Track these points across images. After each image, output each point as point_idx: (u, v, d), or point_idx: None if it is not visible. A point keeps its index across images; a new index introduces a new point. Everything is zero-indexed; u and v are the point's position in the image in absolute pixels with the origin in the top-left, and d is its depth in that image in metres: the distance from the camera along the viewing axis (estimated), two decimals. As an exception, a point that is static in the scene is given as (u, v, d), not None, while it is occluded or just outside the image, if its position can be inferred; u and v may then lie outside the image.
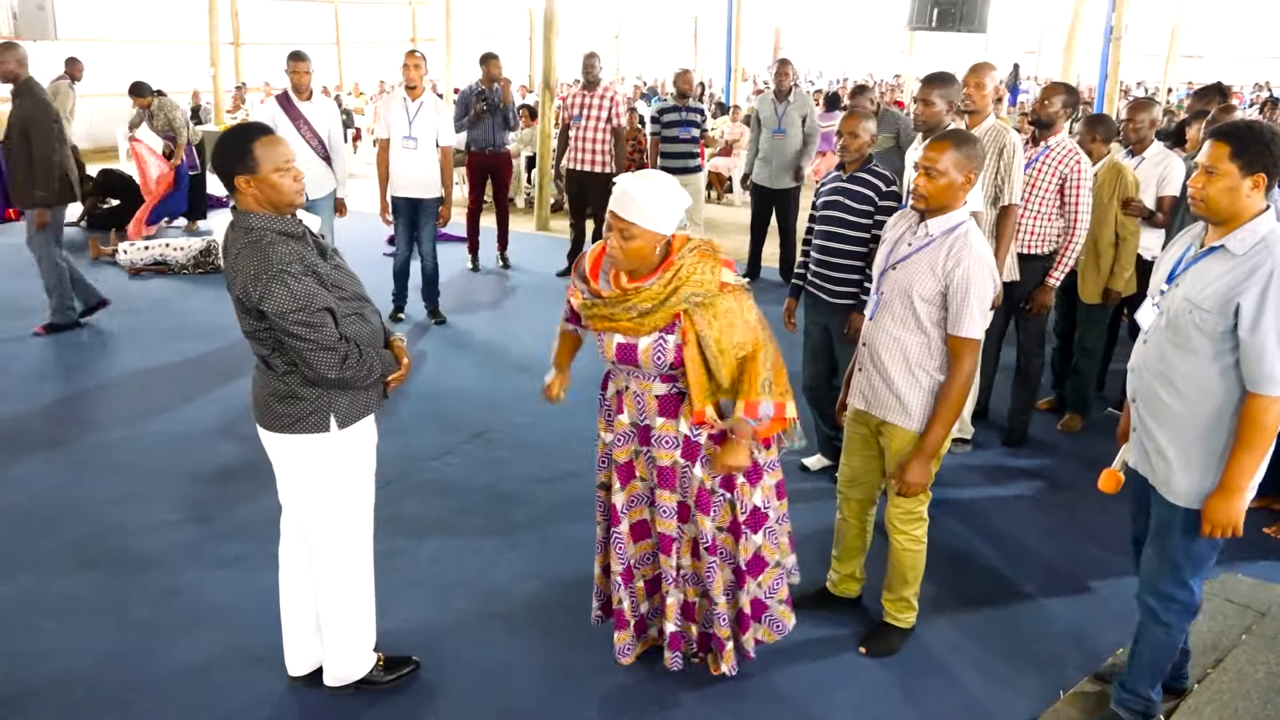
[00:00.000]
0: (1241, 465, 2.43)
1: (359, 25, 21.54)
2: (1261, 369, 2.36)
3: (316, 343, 2.52)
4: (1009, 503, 4.34)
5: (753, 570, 2.87)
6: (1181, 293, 2.51)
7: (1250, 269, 2.38)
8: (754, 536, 2.85)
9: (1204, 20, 25.48)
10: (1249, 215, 2.43)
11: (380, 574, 3.03)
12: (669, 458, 2.74)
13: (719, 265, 2.62)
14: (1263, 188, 2.41)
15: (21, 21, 14.27)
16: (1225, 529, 2.48)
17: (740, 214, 10.45)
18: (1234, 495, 2.46)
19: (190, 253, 8.10)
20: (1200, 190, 2.46)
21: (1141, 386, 2.64)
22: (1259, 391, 2.38)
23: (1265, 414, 2.38)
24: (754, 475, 2.81)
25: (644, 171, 2.59)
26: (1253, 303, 2.35)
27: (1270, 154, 2.38)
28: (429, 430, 4.96)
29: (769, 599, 2.96)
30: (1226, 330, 2.40)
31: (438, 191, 6.62)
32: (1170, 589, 2.65)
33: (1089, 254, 4.78)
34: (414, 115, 6.49)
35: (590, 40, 17.23)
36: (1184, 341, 2.48)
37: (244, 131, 2.58)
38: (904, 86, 21.35)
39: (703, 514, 2.75)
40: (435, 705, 2.95)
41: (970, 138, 2.85)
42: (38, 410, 5.15)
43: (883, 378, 2.97)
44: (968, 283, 2.76)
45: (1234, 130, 2.44)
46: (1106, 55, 11.10)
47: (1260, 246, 2.39)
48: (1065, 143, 4.53)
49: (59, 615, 3.34)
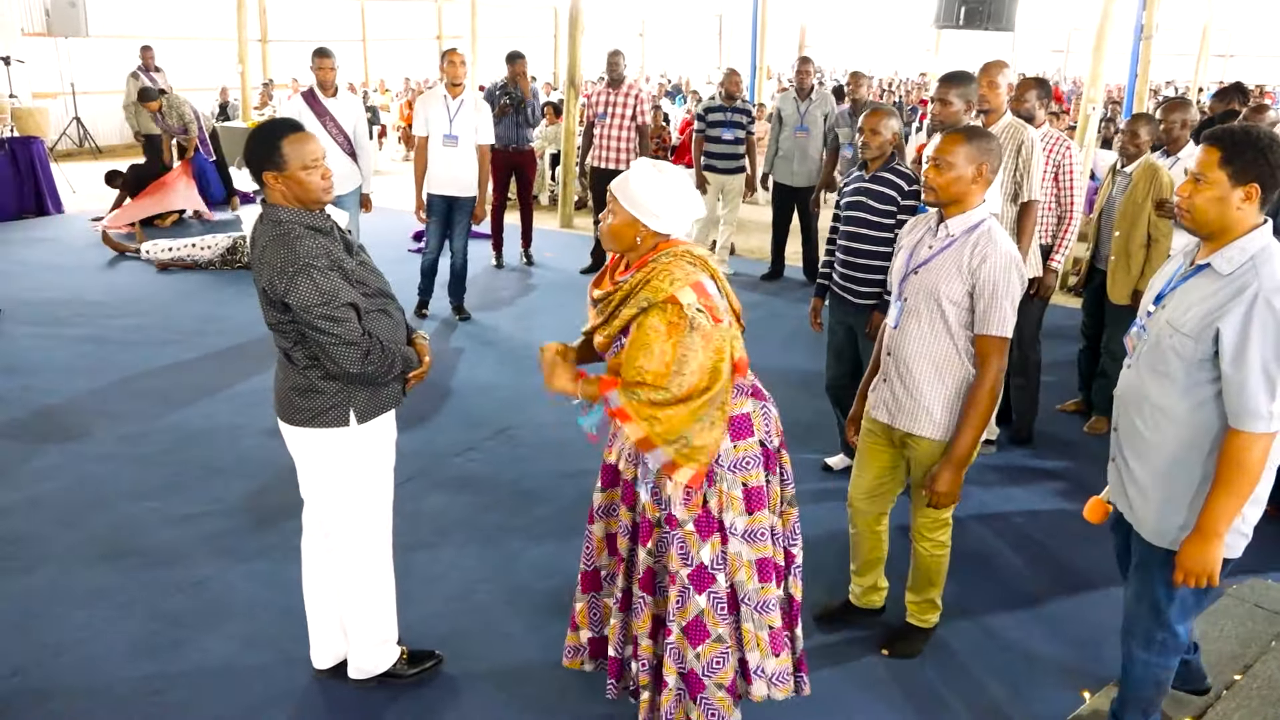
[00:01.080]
0: (1219, 508, 2.21)
1: (385, 22, 21.64)
2: (1244, 403, 2.15)
3: (339, 337, 2.53)
4: (1033, 504, 4.30)
5: (691, 636, 2.48)
6: (1165, 315, 2.31)
7: (1234, 291, 2.16)
8: (696, 597, 2.45)
9: (1236, 19, 25.14)
10: (1240, 230, 2.21)
11: (404, 569, 3.05)
12: (630, 472, 2.58)
13: (685, 282, 2.33)
14: (1256, 200, 2.19)
15: (54, 19, 14.50)
16: (1199, 577, 2.27)
17: (763, 212, 10.41)
18: (1210, 540, 2.24)
19: (217, 250, 8.17)
20: (1186, 199, 2.25)
21: (1121, 415, 2.46)
22: (1241, 428, 2.17)
23: (1246, 452, 2.17)
24: (706, 529, 2.44)
25: (659, 163, 2.46)
26: (1235, 330, 2.13)
27: (1266, 162, 2.16)
28: (452, 426, 4.98)
29: (707, 678, 2.49)
30: (1206, 358, 2.20)
31: (474, 190, 6.62)
32: (1152, 631, 2.46)
33: (1120, 254, 4.74)
34: (455, 113, 6.48)
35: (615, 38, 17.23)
36: (1163, 368, 2.29)
37: (274, 128, 2.59)
38: (929, 85, 21.22)
39: (640, 541, 2.53)
40: (458, 699, 2.96)
41: (986, 134, 2.79)
42: (65, 403, 5.21)
43: (910, 387, 2.87)
44: (995, 279, 2.69)
45: (1226, 135, 2.21)
46: (1137, 54, 10.97)
47: (1248, 266, 2.17)
48: (1052, 133, 4.60)
49: (87, 606, 3.39)
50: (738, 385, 2.49)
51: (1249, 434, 2.16)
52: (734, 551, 2.49)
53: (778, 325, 6.83)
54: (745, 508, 2.49)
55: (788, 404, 2.73)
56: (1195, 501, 2.29)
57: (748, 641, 2.53)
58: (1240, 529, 2.31)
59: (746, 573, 2.51)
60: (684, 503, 2.44)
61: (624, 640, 2.65)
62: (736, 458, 2.49)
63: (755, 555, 2.51)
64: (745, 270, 8.24)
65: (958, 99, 4.03)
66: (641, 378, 2.34)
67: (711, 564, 2.46)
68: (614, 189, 2.43)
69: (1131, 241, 4.70)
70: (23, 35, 14.69)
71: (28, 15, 14.95)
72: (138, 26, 16.33)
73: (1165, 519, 2.35)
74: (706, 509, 2.45)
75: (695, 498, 2.45)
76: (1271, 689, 2.97)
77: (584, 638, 2.78)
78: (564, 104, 10.23)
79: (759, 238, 9.49)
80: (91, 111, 15.66)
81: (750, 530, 2.50)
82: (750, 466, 2.50)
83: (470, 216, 6.68)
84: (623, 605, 2.62)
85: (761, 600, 2.53)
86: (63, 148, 14.72)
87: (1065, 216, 4.62)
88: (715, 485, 2.46)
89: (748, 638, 2.53)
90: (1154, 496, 2.37)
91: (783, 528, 2.62)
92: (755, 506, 2.50)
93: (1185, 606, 2.42)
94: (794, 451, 4.53)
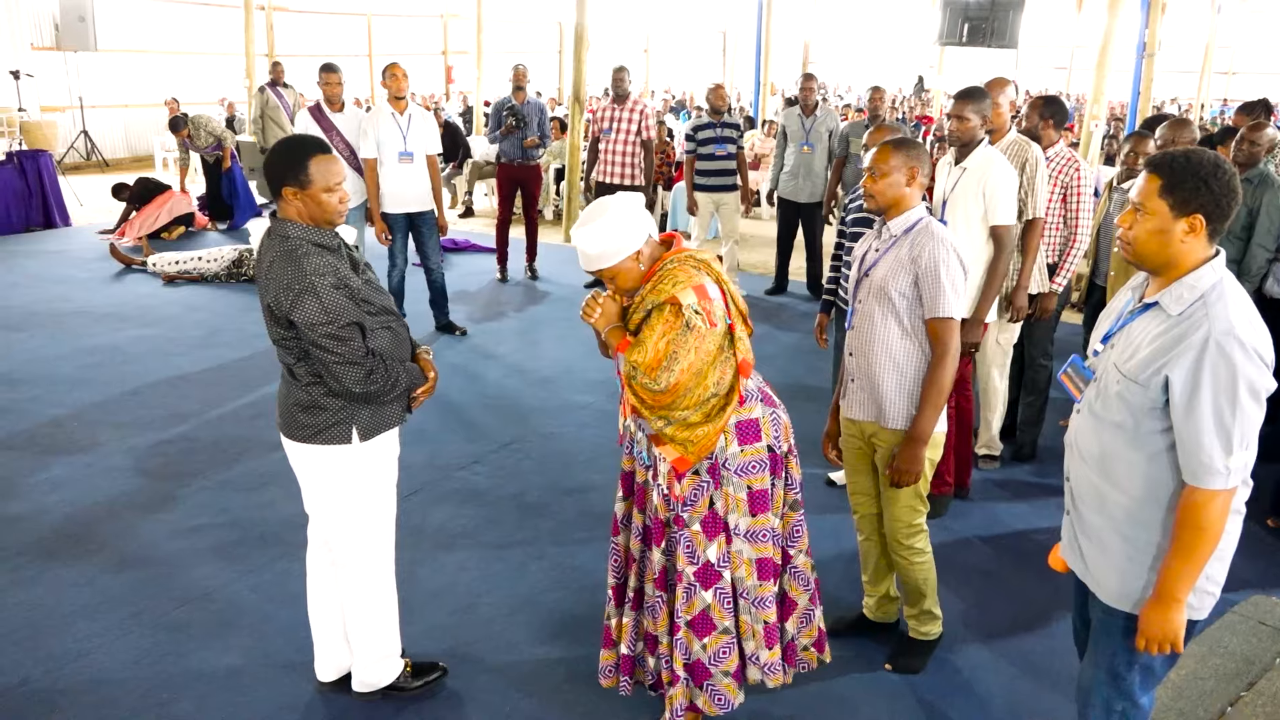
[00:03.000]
0: (1178, 571, 2.00)
1: (392, 38, 21.78)
2: (1199, 458, 1.94)
3: (343, 356, 2.55)
4: (1038, 520, 4.30)
5: (697, 630, 2.60)
6: (1113, 356, 2.11)
7: (1183, 334, 1.95)
8: (703, 593, 2.58)
9: (1238, 36, 25.24)
10: (1187, 265, 2.00)
11: (408, 582, 3.06)
12: (642, 475, 2.68)
13: (687, 284, 2.46)
14: (1201, 232, 1.98)
15: (63, 33, 14.62)
16: (1162, 644, 2.05)
17: (767, 228, 10.45)
18: (1171, 606, 2.02)
19: (223, 263, 8.22)
20: (1127, 231, 2.05)
21: (1073, 464, 2.23)
22: (1196, 484, 1.96)
23: (1203, 511, 1.95)
24: (712, 529, 2.57)
25: (583, 216, 2.53)
26: (1184, 378, 1.93)
27: (1209, 191, 1.96)
28: (456, 439, 5.00)
29: (713, 666, 2.63)
30: (1156, 406, 1.99)
31: (432, 203, 6.51)
32: (1111, 700, 2.22)
33: (1120, 271, 4.75)
34: (407, 129, 6.34)
35: (619, 54, 17.33)
36: (1112, 416, 2.08)
37: (303, 145, 2.61)
38: (932, 101, 21.29)
39: (655, 543, 2.64)
40: (462, 712, 2.97)
41: (913, 142, 2.97)
42: (73, 415, 5.24)
43: (870, 381, 2.96)
44: (935, 264, 2.80)
45: (1166, 161, 2.00)
46: (1139, 72, 11.03)
47: (1198, 305, 1.95)
48: (1064, 153, 4.59)
49: (93, 616, 3.40)
50: (747, 390, 2.60)
51: (1206, 490, 1.95)
52: (736, 550, 2.61)
53: (782, 340, 6.85)
54: (749, 509, 2.61)
55: (791, 419, 2.77)
56: (1157, 562, 2.08)
57: (744, 632, 2.67)
58: (1205, 589, 2.10)
59: (747, 570, 2.64)
60: (690, 503, 2.55)
61: (635, 638, 2.76)
62: (743, 461, 2.59)
63: (756, 555, 2.64)
64: (748, 285, 8.25)
65: (973, 114, 4.06)
66: (636, 367, 2.47)
67: (718, 562, 2.58)
68: (594, 269, 2.52)
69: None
70: (32, 49, 14.82)
71: (37, 30, 15.09)
72: (146, 41, 16.48)
73: (1127, 581, 2.13)
74: (713, 510, 2.57)
75: (701, 500, 2.57)
76: (1276, 706, 2.96)
77: (621, 652, 2.80)
78: (569, 119, 10.29)
79: (762, 252, 9.52)
80: (99, 125, 15.78)
81: (753, 531, 2.63)
82: (756, 470, 2.61)
83: (437, 229, 6.61)
84: (634, 604, 2.72)
85: (759, 596, 2.66)
86: (70, 160, 14.81)
87: (1071, 237, 4.58)
88: (721, 488, 2.58)
89: (745, 629, 2.67)
90: (1114, 554, 2.14)
91: (782, 529, 2.73)
92: (759, 509, 2.62)
93: (1148, 675, 2.19)
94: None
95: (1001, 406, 4.71)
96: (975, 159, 3.99)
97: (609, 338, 2.60)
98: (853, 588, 3.54)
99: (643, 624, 2.73)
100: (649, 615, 2.68)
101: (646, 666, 2.76)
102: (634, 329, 2.57)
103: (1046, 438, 5.01)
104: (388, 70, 6.36)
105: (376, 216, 6.39)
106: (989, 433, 4.73)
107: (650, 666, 2.75)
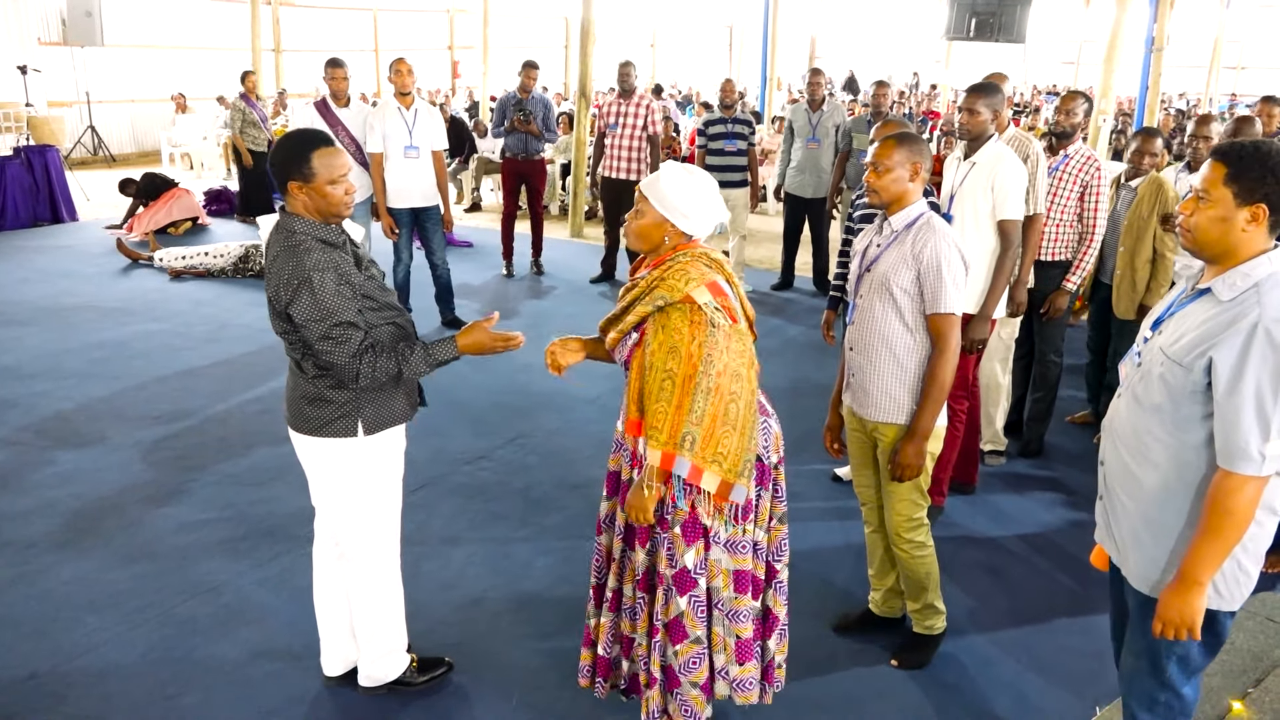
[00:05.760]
0: (1203, 555, 2.01)
1: (398, 33, 21.76)
2: (1235, 441, 1.96)
3: (339, 353, 2.55)
4: (1044, 516, 4.30)
5: (672, 634, 2.54)
6: (1160, 341, 2.14)
7: (1232, 319, 1.97)
8: (678, 599, 2.50)
9: (1247, 31, 25.11)
10: (1245, 254, 2.02)
11: (414, 576, 3.06)
12: (627, 473, 2.61)
13: (700, 281, 2.41)
14: (1263, 222, 2.00)
15: (70, 28, 14.62)
16: (1179, 629, 2.06)
17: (773, 223, 10.43)
18: (1192, 589, 2.04)
19: (230, 258, 8.23)
20: (1188, 218, 2.07)
21: (1109, 449, 2.27)
22: (1229, 469, 1.97)
23: (1234, 496, 1.97)
24: (691, 534, 2.48)
25: (688, 165, 2.52)
26: (1230, 359, 1.94)
27: (1275, 180, 1.97)
28: (462, 435, 5.00)
29: (683, 676, 2.56)
30: (1197, 389, 2.01)
31: (438, 198, 6.54)
32: (1154, 692, 2.23)
33: (1125, 269, 4.73)
34: (413, 124, 6.37)
35: (626, 49, 17.31)
36: (1152, 399, 2.11)
37: (305, 139, 2.61)
38: (940, 96, 21.23)
39: (639, 544, 2.58)
40: (468, 707, 2.98)
41: (915, 137, 2.96)
42: (80, 409, 5.25)
43: (871, 376, 2.96)
44: (938, 259, 2.80)
45: (1233, 150, 2.02)
46: (1148, 67, 10.99)
47: (1251, 293, 1.98)
48: (1084, 150, 4.57)
49: (101, 610, 3.41)
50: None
51: (1238, 476, 1.96)
52: (714, 558, 2.53)
53: (788, 335, 6.84)
54: (731, 517, 2.52)
55: (798, 414, 2.76)
56: (1181, 547, 2.11)
57: (715, 644, 2.59)
58: (1238, 577, 2.12)
59: (724, 580, 2.55)
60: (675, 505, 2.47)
61: (612, 640, 2.70)
62: None
63: (734, 566, 2.55)
64: (754, 280, 8.25)
65: (985, 109, 4.05)
66: (671, 379, 2.38)
67: (695, 569, 2.50)
68: (644, 189, 2.49)
69: (1137, 257, 4.68)
70: (39, 44, 14.84)
71: (44, 25, 15.11)
72: (153, 36, 16.50)
73: (1161, 566, 2.15)
74: (694, 515, 2.48)
75: (685, 503, 2.47)
76: (1283, 703, 2.96)
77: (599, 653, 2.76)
78: (575, 114, 10.28)
79: (768, 247, 9.51)
80: (106, 120, 15.80)
81: (732, 541, 2.54)
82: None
83: (442, 224, 6.64)
84: (612, 606, 2.67)
85: (734, 609, 2.57)
86: (77, 156, 14.84)
87: (1087, 236, 4.56)
88: (704, 493, 2.48)
89: (716, 641, 2.59)
90: (1146, 540, 2.17)
91: (768, 543, 2.66)
92: (741, 518, 2.53)
93: (1188, 664, 2.18)
94: (803, 463, 4.56)
95: (1005, 401, 4.71)
96: (985, 154, 3.98)
97: (650, 487, 2.45)
98: (861, 583, 3.54)
99: (620, 626, 2.68)
100: (627, 617, 2.64)
101: (620, 670, 2.73)
102: (620, 311, 2.51)
103: (1054, 434, 5.00)
104: (393, 66, 6.38)
105: (383, 211, 6.41)
106: (992, 428, 4.72)
107: (624, 670, 2.72)
